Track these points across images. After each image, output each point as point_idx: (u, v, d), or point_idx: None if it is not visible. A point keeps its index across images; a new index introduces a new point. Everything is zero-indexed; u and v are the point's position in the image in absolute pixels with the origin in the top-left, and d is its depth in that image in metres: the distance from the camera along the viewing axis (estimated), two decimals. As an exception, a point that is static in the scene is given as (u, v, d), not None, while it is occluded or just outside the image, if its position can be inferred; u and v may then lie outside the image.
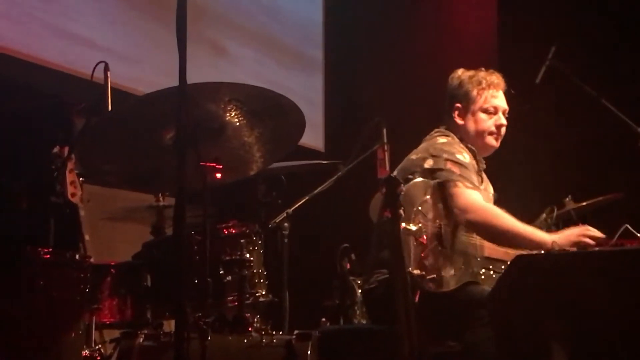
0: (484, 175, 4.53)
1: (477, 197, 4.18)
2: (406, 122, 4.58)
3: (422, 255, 3.91)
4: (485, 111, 4.43)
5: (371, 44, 7.84)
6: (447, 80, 4.55)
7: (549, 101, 7.06)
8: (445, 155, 4.25)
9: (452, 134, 4.43)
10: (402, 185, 3.51)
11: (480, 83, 4.44)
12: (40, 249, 3.58)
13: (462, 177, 4.18)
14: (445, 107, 4.52)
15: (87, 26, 5.50)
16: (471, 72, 4.49)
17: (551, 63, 5.45)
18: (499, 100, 4.47)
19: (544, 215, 4.96)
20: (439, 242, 4.05)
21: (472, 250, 4.15)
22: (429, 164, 4.24)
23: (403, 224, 3.94)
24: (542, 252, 4.04)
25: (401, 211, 3.44)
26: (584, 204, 5.14)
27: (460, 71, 4.52)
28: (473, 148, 4.43)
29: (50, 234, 4.58)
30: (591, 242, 3.99)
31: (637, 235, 3.87)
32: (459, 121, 4.43)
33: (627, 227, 3.88)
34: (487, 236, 4.17)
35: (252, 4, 6.93)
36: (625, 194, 5.27)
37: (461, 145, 4.39)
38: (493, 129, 4.45)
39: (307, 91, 7.41)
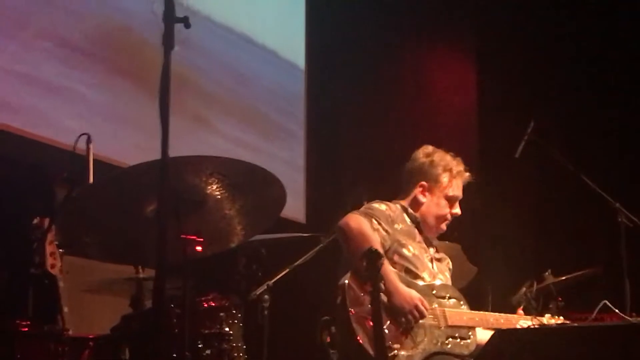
0: (431, 249, 4.57)
1: (360, 217, 4.26)
2: (387, 194, 4.60)
3: None
4: (448, 199, 4.51)
5: (352, 116, 7.91)
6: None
7: (528, 176, 7.13)
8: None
9: (389, 202, 4.48)
10: (383, 258, 3.53)
11: (450, 170, 4.53)
12: (18, 321, 3.55)
13: (359, 210, 4.33)
14: (405, 178, 4.58)
15: (69, 97, 5.52)
16: (441, 154, 4.57)
17: (530, 138, 5.52)
18: (460, 190, 4.57)
19: (524, 289, 4.98)
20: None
21: (431, 321, 4.16)
22: None
23: (351, 310, 4.00)
24: (522, 327, 4.06)
25: (382, 284, 3.46)
26: (563, 278, 5.17)
27: (430, 149, 4.60)
28: (419, 220, 4.48)
29: (29, 306, 4.55)
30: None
31: (615, 311, 3.88)
32: (421, 198, 4.50)
33: (605, 303, 3.90)
34: (347, 246, 4.23)
35: (233, 76, 6.98)
36: (604, 269, 5.30)
37: (398, 211, 4.44)
38: (449, 217, 4.55)
39: (288, 163, 7.43)
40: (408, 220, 4.47)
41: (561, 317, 4.51)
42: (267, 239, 4.75)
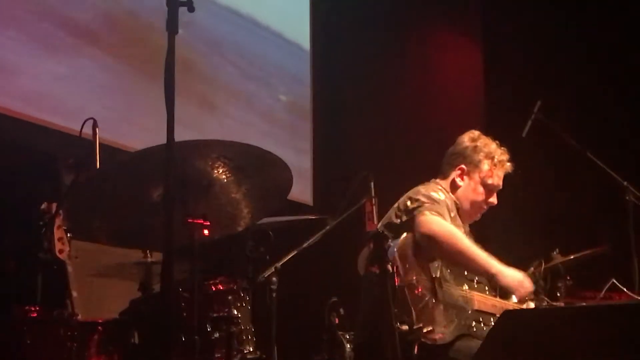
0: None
1: (439, 219, 4.20)
2: (394, 176, 4.60)
3: (419, 308, 3.94)
4: (486, 187, 4.47)
5: (359, 99, 7.88)
6: (456, 137, 4.61)
7: (535, 155, 7.11)
8: (420, 195, 4.33)
9: (436, 185, 4.46)
10: (390, 240, 3.52)
11: (492, 158, 4.49)
12: (27, 307, 3.57)
13: (430, 206, 4.25)
14: (447, 159, 4.55)
15: (76, 82, 5.52)
16: (486, 140, 4.54)
17: (537, 117, 5.50)
18: (500, 180, 4.54)
19: (532, 268, 4.98)
20: (433, 295, 4.07)
21: (462, 302, 4.15)
22: (406, 205, 4.31)
23: (397, 279, 3.99)
24: (530, 307, 4.06)
25: (389, 266, 3.45)
26: (572, 257, 5.16)
27: (476, 134, 4.57)
28: (458, 204, 4.46)
29: (38, 291, 4.55)
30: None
31: (623, 290, 3.89)
32: (459, 181, 4.47)
33: (613, 282, 3.90)
34: (442, 251, 4.19)
35: (238, 58, 6.96)
36: (611, 247, 5.29)
37: (444, 191, 4.42)
38: (485, 206, 4.50)
39: (294, 145, 7.42)
40: (453, 206, 4.46)
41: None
42: (274, 221, 4.74)
